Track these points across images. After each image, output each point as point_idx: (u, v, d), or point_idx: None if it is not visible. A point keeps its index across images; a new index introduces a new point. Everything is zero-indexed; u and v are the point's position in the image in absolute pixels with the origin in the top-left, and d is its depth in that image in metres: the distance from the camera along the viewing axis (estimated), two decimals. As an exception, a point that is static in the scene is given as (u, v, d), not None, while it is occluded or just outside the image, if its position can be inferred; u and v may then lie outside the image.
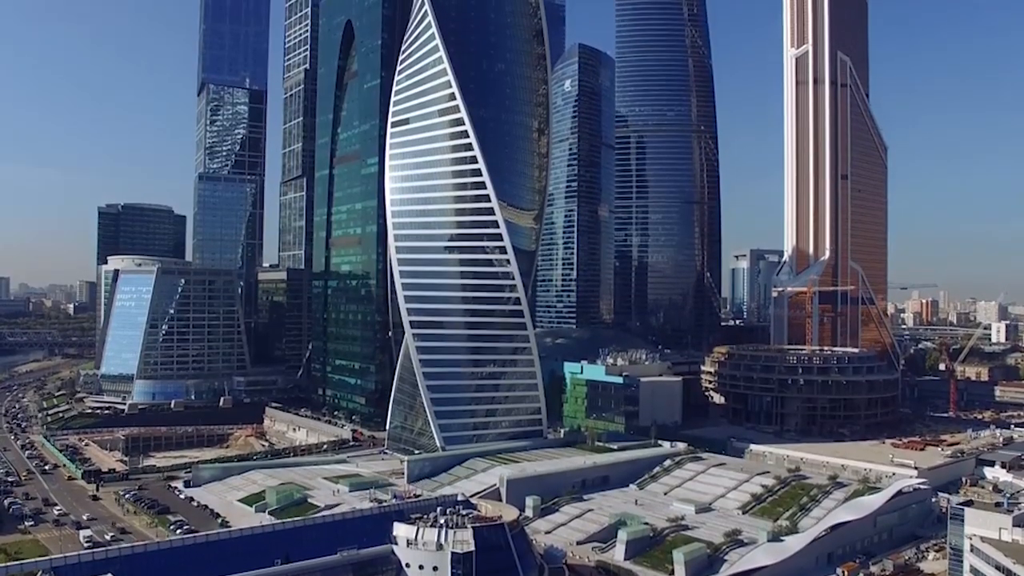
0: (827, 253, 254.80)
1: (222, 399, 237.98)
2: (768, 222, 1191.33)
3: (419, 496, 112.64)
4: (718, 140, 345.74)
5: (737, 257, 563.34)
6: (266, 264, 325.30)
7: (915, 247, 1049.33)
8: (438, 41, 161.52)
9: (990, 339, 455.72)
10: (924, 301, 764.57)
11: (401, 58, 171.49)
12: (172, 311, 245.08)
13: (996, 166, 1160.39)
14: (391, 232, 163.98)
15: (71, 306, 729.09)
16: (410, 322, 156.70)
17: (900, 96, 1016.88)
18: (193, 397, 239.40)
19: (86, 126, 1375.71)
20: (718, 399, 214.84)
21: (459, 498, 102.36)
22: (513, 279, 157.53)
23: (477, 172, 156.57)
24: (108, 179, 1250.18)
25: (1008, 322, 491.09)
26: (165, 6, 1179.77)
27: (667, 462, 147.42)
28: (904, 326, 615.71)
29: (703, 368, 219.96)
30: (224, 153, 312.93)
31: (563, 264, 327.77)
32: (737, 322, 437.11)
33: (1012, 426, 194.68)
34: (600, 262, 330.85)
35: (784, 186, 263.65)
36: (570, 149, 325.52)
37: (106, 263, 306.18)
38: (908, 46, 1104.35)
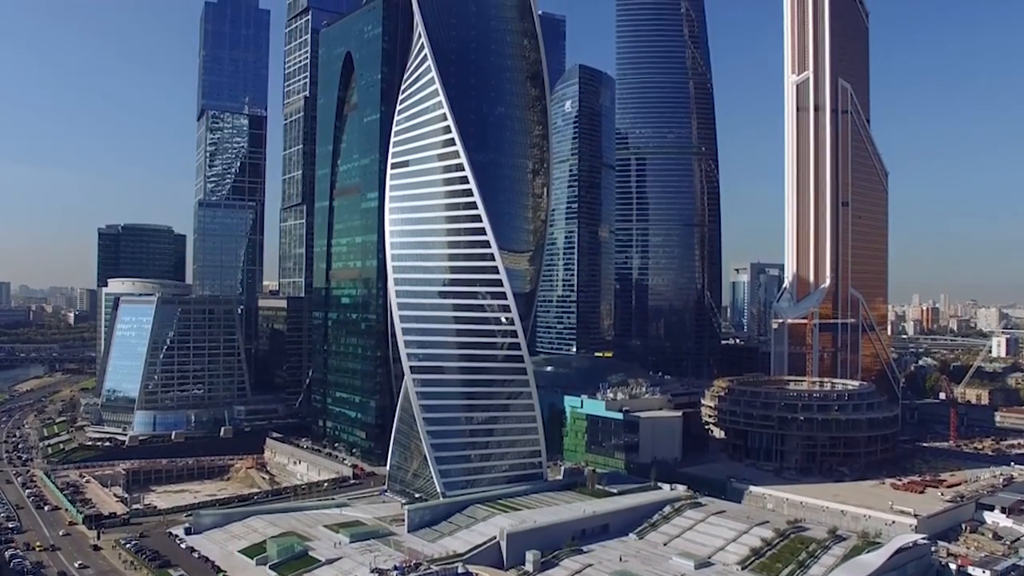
0: (827, 280, 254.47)
1: (223, 429, 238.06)
2: (767, 229, 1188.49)
3: (419, 563, 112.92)
4: (719, 161, 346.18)
5: (738, 271, 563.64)
6: (267, 288, 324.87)
7: (914, 249, 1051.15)
8: (438, 85, 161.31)
9: (991, 351, 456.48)
10: (924, 308, 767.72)
11: (401, 98, 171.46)
12: (172, 340, 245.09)
13: (994, 166, 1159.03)
14: (391, 275, 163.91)
15: (72, 314, 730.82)
16: (410, 367, 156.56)
17: (899, 95, 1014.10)
18: (194, 427, 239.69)
19: (89, 129, 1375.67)
20: (718, 433, 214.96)
21: (460, 569, 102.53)
22: (512, 324, 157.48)
23: (476, 218, 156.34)
24: (111, 183, 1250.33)
25: (1009, 336, 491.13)
26: (176, 17, 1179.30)
27: (667, 509, 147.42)
28: (905, 335, 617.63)
29: (703, 402, 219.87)
30: (224, 179, 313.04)
31: (563, 285, 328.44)
32: (737, 341, 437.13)
33: (1012, 463, 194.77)
34: (600, 283, 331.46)
35: (784, 212, 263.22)
36: (571, 170, 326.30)
37: (106, 285, 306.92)
38: (907, 44, 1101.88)
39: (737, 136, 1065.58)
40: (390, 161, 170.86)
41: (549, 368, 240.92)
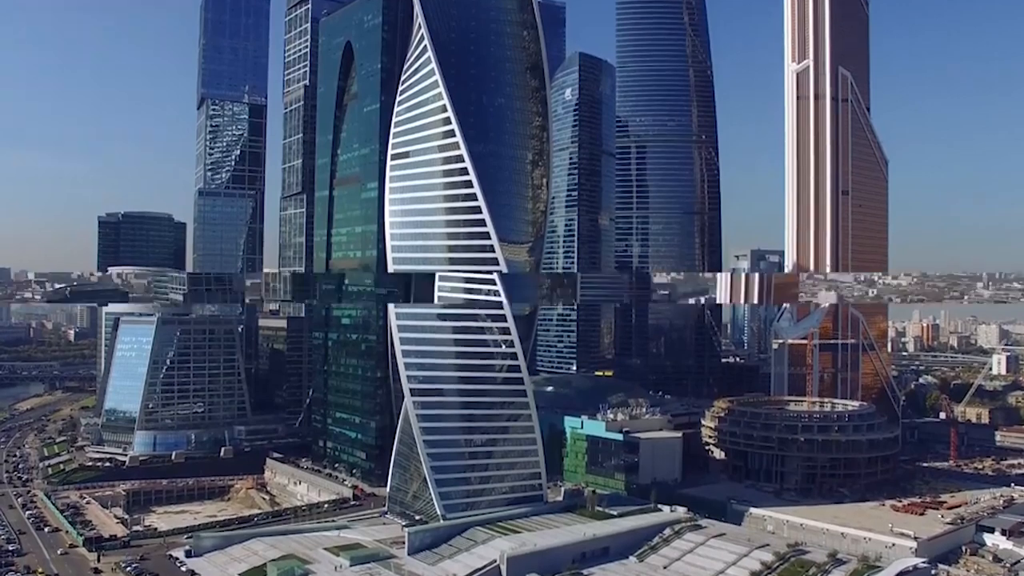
0: (827, 271, 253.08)
1: (223, 449, 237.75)
2: (767, 215, 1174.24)
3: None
4: (719, 150, 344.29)
5: (738, 257, 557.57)
6: (267, 275, 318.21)
7: (914, 236, 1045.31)
8: (438, 76, 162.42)
9: (991, 369, 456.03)
10: (925, 324, 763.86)
11: (401, 88, 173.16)
12: (173, 360, 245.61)
13: (996, 153, 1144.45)
14: (391, 266, 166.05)
15: (72, 331, 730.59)
16: (410, 389, 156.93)
17: (900, 83, 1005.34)
18: (194, 447, 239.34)
19: (89, 116, 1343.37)
20: (718, 454, 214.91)
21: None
22: (512, 346, 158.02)
23: (476, 210, 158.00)
24: (111, 170, 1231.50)
25: (1009, 353, 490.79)
26: (176, 3, 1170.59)
27: (667, 531, 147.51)
28: (905, 352, 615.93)
29: (703, 422, 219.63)
30: (224, 167, 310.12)
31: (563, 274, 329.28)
32: (737, 357, 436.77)
33: (1012, 484, 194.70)
34: (600, 272, 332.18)
35: (784, 202, 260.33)
36: (571, 158, 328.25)
37: (106, 272, 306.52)
38: (907, 26, 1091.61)
39: (737, 123, 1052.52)
40: (390, 151, 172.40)
41: (549, 388, 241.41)
